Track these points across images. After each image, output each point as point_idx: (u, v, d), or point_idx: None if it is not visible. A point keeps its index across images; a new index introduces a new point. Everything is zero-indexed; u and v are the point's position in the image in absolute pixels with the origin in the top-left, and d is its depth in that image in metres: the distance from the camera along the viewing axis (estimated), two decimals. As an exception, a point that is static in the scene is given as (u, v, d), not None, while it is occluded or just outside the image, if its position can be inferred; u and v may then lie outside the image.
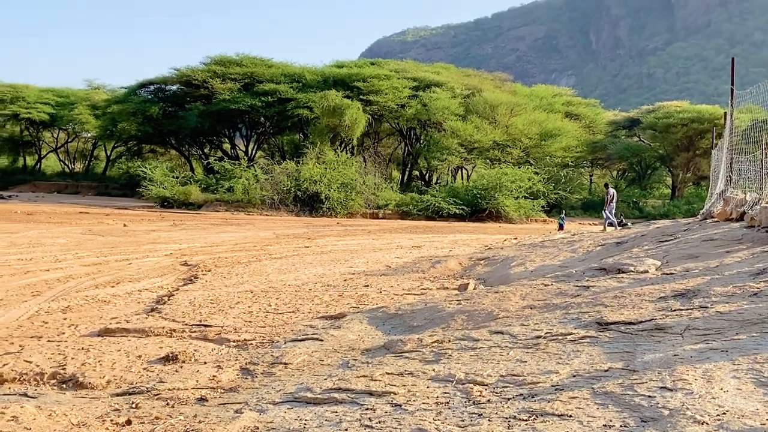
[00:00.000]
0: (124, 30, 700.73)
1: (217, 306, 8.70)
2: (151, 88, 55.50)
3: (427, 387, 4.03)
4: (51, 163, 71.60)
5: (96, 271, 11.90)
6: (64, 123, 63.61)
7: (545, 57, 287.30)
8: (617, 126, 62.34)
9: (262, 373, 5.02)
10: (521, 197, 41.67)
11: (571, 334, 4.91)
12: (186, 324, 7.47)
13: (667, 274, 7.33)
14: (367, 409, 3.72)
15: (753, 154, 12.53)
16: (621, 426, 3.13)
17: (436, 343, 5.10)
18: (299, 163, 41.24)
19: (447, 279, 11.65)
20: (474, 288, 9.79)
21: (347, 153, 44.09)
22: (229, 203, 39.81)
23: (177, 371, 5.35)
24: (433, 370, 4.37)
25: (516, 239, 21.89)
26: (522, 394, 3.71)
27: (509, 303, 6.78)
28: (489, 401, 3.65)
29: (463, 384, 3.99)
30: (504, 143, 49.92)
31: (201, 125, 50.95)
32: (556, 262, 11.76)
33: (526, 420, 3.31)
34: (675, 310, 5.26)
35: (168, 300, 9.19)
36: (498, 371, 4.17)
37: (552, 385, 3.79)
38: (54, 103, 62.73)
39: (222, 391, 4.65)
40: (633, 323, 4.99)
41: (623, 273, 7.86)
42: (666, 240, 11.06)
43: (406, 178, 54.15)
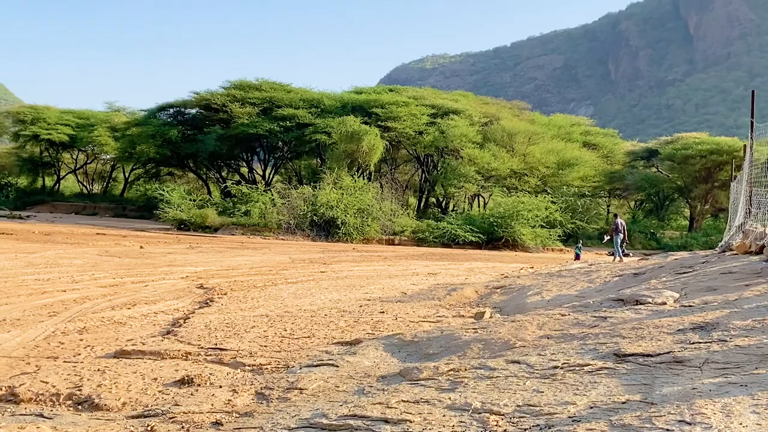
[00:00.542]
0: (145, 53, 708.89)
1: (233, 330, 8.69)
2: (171, 111, 56.03)
3: (443, 415, 4.00)
4: (70, 184, 72.24)
5: (112, 293, 11.94)
6: (83, 144, 64.24)
7: (564, 86, 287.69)
8: (635, 156, 62.18)
9: (277, 398, 5.01)
10: (538, 226, 41.53)
11: (589, 365, 4.87)
12: (201, 347, 7.47)
13: (686, 306, 7.27)
14: (383, 437, 3.70)
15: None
16: (639, 459, 3.09)
17: (452, 372, 5.07)
18: (316, 188, 41.36)
19: (463, 307, 11.60)
20: (490, 316, 9.75)
21: (364, 179, 44.20)
22: (246, 227, 39.92)
23: (192, 395, 5.35)
24: (449, 398, 4.35)
25: (532, 268, 21.79)
26: (539, 424, 3.68)
27: (526, 332, 6.74)
28: (505, 431, 3.63)
29: (480, 413, 3.97)
30: (521, 172, 49.91)
31: (219, 149, 51.28)
32: (573, 291, 11.69)
33: (543, 451, 3.28)
34: (694, 342, 5.21)
35: (184, 323, 9.20)
36: (514, 401, 4.14)
37: (569, 416, 3.75)
38: (74, 125, 63.41)
39: (237, 416, 4.64)
40: (651, 355, 4.94)
41: (641, 304, 7.80)
42: (684, 272, 10.98)
43: (422, 204, 54.19)
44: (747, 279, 8.50)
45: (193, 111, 55.40)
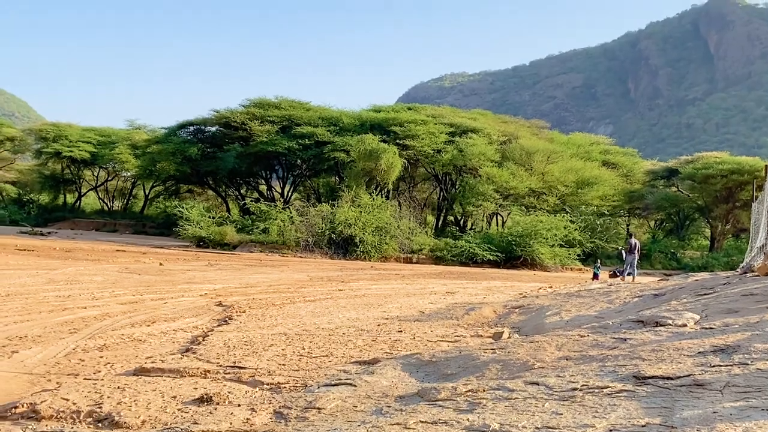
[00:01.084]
0: (165, 72, 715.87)
1: (251, 348, 8.72)
2: (191, 129, 56.49)
3: (462, 437, 3.99)
4: (90, 201, 72.92)
5: (132, 310, 12.02)
6: (104, 162, 64.85)
7: (583, 105, 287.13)
8: (655, 176, 61.89)
9: (295, 417, 5.02)
10: (557, 245, 41.38)
11: (608, 387, 4.84)
12: (220, 365, 7.50)
13: (706, 328, 7.21)
14: (401, 458, 3.70)
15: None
16: (659, 484, 3.07)
17: (470, 392, 5.06)
18: (334, 206, 41.47)
19: (481, 326, 11.57)
20: (508, 337, 9.71)
21: (382, 197, 44.30)
22: (264, 244, 40.07)
23: (211, 413, 5.36)
24: (467, 419, 4.34)
25: (551, 288, 21.71)
26: (558, 447, 3.66)
27: (545, 353, 6.71)
28: (524, 454, 3.61)
29: (498, 435, 3.95)
30: (540, 190, 49.83)
31: (238, 166, 51.60)
32: (592, 312, 11.63)
33: (562, 475, 3.26)
34: (714, 365, 5.17)
35: (203, 340, 9.23)
36: (533, 423, 4.13)
37: (588, 440, 3.74)
38: (95, 142, 64.09)
39: (255, 435, 4.65)
40: (671, 378, 4.91)
41: (661, 326, 7.75)
42: (705, 293, 10.89)
43: (440, 223, 54.17)
44: (768, 301, 8.42)
45: (213, 129, 55.84)
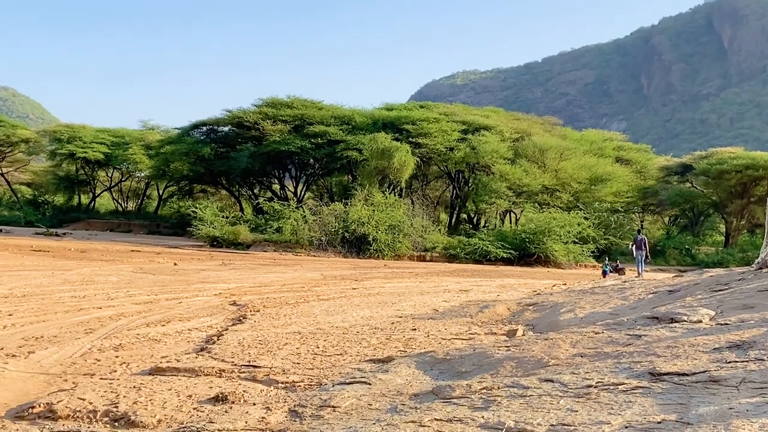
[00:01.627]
0: (178, 72, 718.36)
1: (266, 347, 8.74)
2: (204, 129, 56.59)
3: (477, 434, 3.99)
4: (105, 202, 73.30)
5: (147, 310, 12.07)
6: (118, 162, 65.16)
7: (596, 101, 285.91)
8: (669, 172, 61.54)
9: (310, 416, 5.03)
10: (570, 242, 41.23)
11: (623, 384, 4.83)
12: (235, 364, 7.52)
13: (722, 324, 7.18)
14: (416, 456, 3.70)
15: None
16: (675, 481, 3.06)
17: (485, 390, 5.06)
18: (347, 205, 41.46)
19: (495, 324, 11.56)
20: (523, 334, 9.70)
21: (395, 195, 44.23)
22: (278, 243, 40.13)
23: (227, 412, 5.39)
24: (482, 417, 4.34)
25: (565, 285, 21.65)
26: (573, 444, 3.66)
27: (559, 350, 6.70)
28: (539, 451, 3.61)
29: (513, 432, 3.95)
30: (553, 187, 49.65)
31: (251, 166, 51.69)
32: (606, 309, 11.60)
33: (577, 471, 3.26)
34: (730, 361, 5.15)
35: (217, 340, 9.27)
36: (548, 420, 4.12)
37: (604, 437, 3.73)
38: (109, 143, 64.38)
39: (271, 433, 4.66)
40: (687, 374, 4.89)
41: (676, 322, 7.72)
42: (720, 289, 10.84)
43: (453, 221, 54.08)
44: (784, 296, 8.38)
45: (226, 129, 55.94)
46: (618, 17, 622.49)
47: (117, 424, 5.21)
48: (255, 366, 7.42)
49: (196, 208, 44.86)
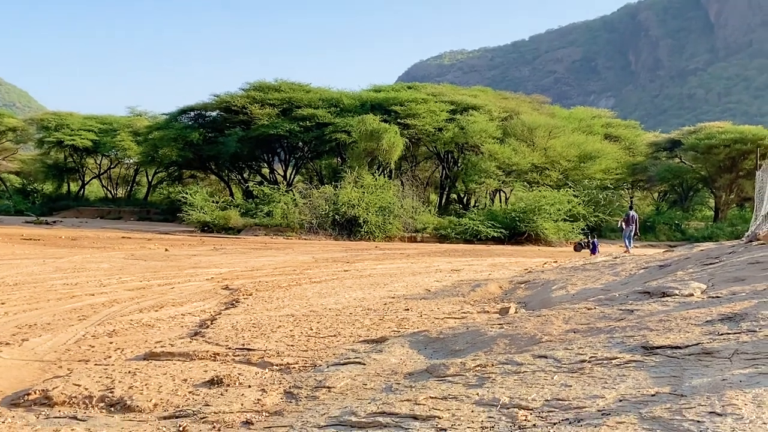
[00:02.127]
0: (164, 58, 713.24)
1: (259, 330, 8.75)
2: (192, 114, 56.26)
3: (472, 411, 4.02)
4: (94, 189, 73.04)
5: (139, 296, 12.05)
6: (106, 149, 64.89)
7: (583, 79, 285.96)
8: (658, 147, 61.68)
9: (306, 397, 5.05)
10: (560, 220, 41.34)
11: (617, 358, 4.86)
12: (229, 348, 7.53)
13: (713, 297, 7.23)
14: (413, 433, 3.72)
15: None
16: (670, 451, 3.09)
17: (479, 367, 5.08)
18: (337, 187, 41.39)
19: (487, 303, 11.59)
20: (515, 311, 9.74)
21: (385, 177, 44.16)
22: (269, 227, 40.05)
23: (222, 395, 5.40)
24: (477, 394, 4.36)
25: (556, 262, 21.73)
26: (568, 418, 3.68)
27: (552, 327, 6.73)
28: (534, 426, 3.64)
29: (508, 408, 3.98)
30: (542, 166, 49.71)
31: (240, 150, 51.52)
32: (598, 285, 11.65)
33: (573, 445, 3.28)
34: (722, 334, 5.19)
35: (211, 324, 9.27)
36: (543, 395, 4.15)
37: (598, 410, 3.75)
38: (97, 130, 64.08)
39: (267, 415, 4.68)
40: (679, 347, 4.93)
41: (668, 296, 7.77)
42: (711, 263, 10.90)
43: (443, 201, 54.09)
44: (774, 269, 8.43)
45: (214, 113, 55.66)
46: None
47: (113, 408, 5.21)
48: (249, 349, 7.43)
49: (186, 193, 44.67)
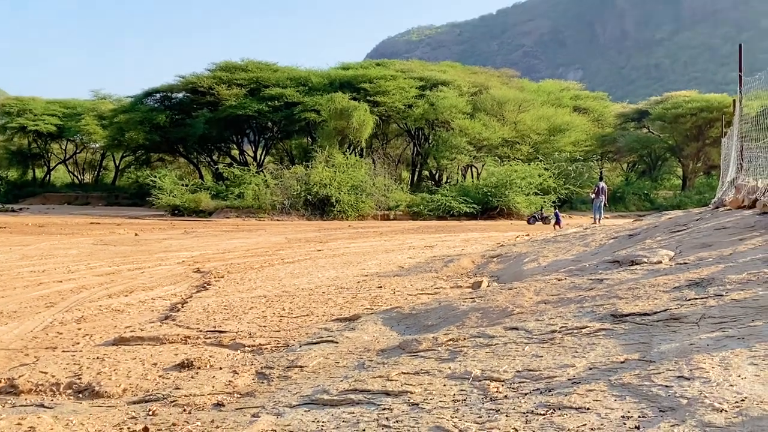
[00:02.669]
0: (127, 40, 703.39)
1: (231, 312, 8.70)
2: (157, 96, 55.63)
3: (444, 385, 4.01)
4: (60, 175, 72.04)
5: (109, 281, 11.92)
6: (71, 134, 63.96)
7: (552, 52, 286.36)
8: (626, 118, 62.21)
9: (278, 377, 5.02)
10: (532, 193, 41.59)
11: (586, 327, 4.88)
12: (200, 330, 7.47)
13: (681, 264, 7.28)
14: (384, 409, 3.70)
15: (763, 140, 12.44)
16: (639, 416, 3.10)
17: (451, 342, 5.08)
18: (308, 167, 41.24)
19: (460, 277, 11.62)
20: (487, 285, 9.77)
21: (356, 155, 44.05)
22: (240, 209, 39.84)
23: (193, 377, 5.35)
24: (449, 368, 4.35)
25: (528, 236, 21.84)
26: (539, 388, 3.68)
27: (523, 299, 6.75)
28: (506, 397, 3.63)
29: (480, 381, 3.97)
30: (513, 140, 49.90)
31: (208, 132, 51.09)
32: (569, 256, 11.72)
33: (543, 414, 3.28)
34: (690, 299, 5.23)
35: (181, 307, 9.19)
36: (514, 367, 4.15)
37: (569, 379, 3.76)
38: (61, 115, 63.06)
39: (238, 396, 4.64)
40: (648, 314, 4.95)
41: (637, 264, 7.82)
42: (678, 230, 10.99)
43: (416, 178, 54.15)
44: (741, 233, 8.51)
45: (180, 95, 55.09)
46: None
47: (81, 395, 5.14)
48: (220, 331, 7.38)
49: (154, 177, 44.30)
